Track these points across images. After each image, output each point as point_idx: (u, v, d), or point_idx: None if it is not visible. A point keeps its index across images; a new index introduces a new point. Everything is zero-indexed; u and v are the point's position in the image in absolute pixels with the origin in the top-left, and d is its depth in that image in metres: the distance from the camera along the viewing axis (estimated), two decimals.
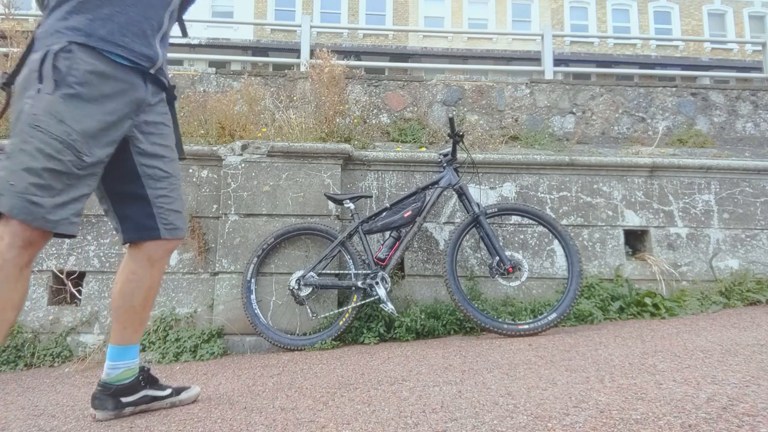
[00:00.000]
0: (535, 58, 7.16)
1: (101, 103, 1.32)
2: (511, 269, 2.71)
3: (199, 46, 14.83)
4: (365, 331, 2.86)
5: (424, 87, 4.86)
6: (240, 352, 2.93)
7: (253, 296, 2.90)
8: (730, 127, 5.01)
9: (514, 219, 3.29)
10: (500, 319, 2.78)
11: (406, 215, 2.83)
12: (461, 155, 2.99)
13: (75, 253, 3.11)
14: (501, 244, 2.84)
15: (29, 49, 1.33)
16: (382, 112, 4.77)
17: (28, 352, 2.89)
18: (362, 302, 2.78)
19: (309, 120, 3.87)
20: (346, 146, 3.23)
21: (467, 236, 2.97)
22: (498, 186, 3.37)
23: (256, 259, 2.93)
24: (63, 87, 1.25)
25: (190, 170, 3.27)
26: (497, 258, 2.75)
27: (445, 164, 2.94)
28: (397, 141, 4.40)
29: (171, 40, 1.60)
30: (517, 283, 2.80)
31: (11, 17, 4.04)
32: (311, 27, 6.01)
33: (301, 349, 2.77)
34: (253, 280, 2.92)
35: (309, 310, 2.84)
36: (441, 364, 2.02)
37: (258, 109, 4.06)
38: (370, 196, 3.26)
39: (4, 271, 1.25)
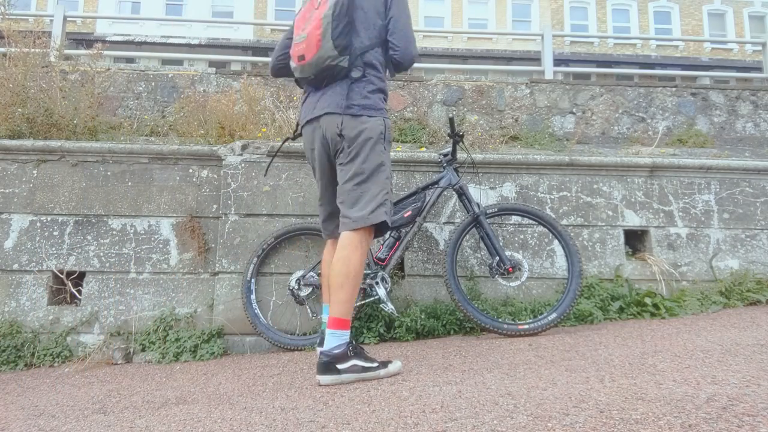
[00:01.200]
0: (535, 58, 7.16)
1: None
2: (511, 269, 2.71)
3: (199, 46, 14.83)
4: (365, 331, 2.86)
5: (424, 87, 4.86)
6: (240, 352, 2.93)
7: (253, 296, 2.90)
8: (730, 127, 5.01)
9: (514, 219, 3.29)
10: (500, 319, 2.78)
11: (406, 215, 2.83)
12: (461, 155, 2.99)
13: (75, 253, 3.11)
14: (501, 244, 2.84)
15: None
16: None
17: (28, 352, 2.89)
18: (362, 302, 2.78)
19: None
20: None
21: (467, 236, 2.97)
22: (498, 186, 3.37)
23: (256, 259, 2.93)
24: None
25: (190, 170, 3.27)
26: (497, 258, 2.75)
27: (445, 164, 2.94)
28: (397, 141, 4.39)
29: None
30: (517, 283, 2.80)
31: (8, 17, 4.03)
32: None
33: (301, 349, 2.77)
34: (253, 280, 2.92)
35: (309, 310, 2.84)
36: (441, 364, 2.02)
37: (258, 109, 4.05)
38: None
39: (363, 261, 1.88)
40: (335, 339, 1.79)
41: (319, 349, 1.95)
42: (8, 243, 3.09)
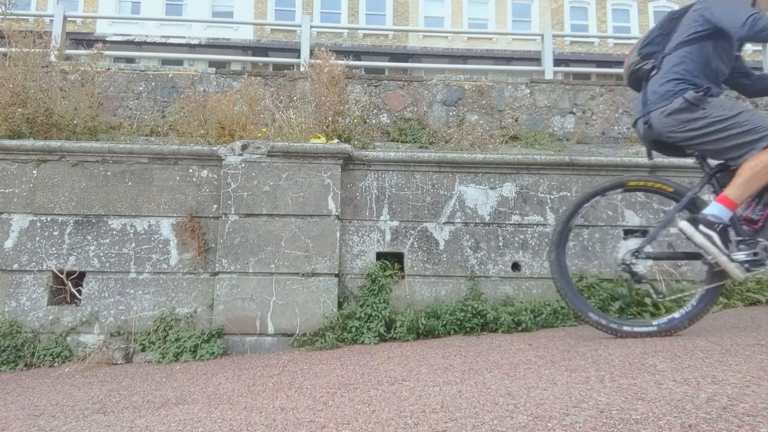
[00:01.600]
0: (535, 58, 7.16)
1: None
2: None
3: (199, 46, 14.83)
4: (365, 331, 2.86)
5: (424, 87, 4.86)
6: (240, 352, 2.93)
7: (566, 262, 2.29)
8: None
9: (514, 219, 3.29)
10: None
11: None
12: None
13: (75, 253, 3.11)
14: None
15: None
16: (382, 112, 4.77)
17: (28, 352, 2.89)
18: (720, 282, 2.13)
19: (309, 120, 3.87)
20: (346, 146, 3.23)
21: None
22: (498, 186, 3.37)
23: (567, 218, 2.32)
24: None
25: (190, 170, 3.27)
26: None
27: None
28: (397, 141, 4.40)
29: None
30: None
31: (8, 16, 4.04)
32: (311, 27, 6.00)
33: (640, 337, 2.18)
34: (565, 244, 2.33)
35: (652, 290, 2.38)
36: (441, 364, 2.02)
37: (258, 109, 4.06)
38: None
39: None
40: (717, 209, 2.04)
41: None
42: (8, 243, 3.09)
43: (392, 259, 3.23)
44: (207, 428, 1.35)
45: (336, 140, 3.48)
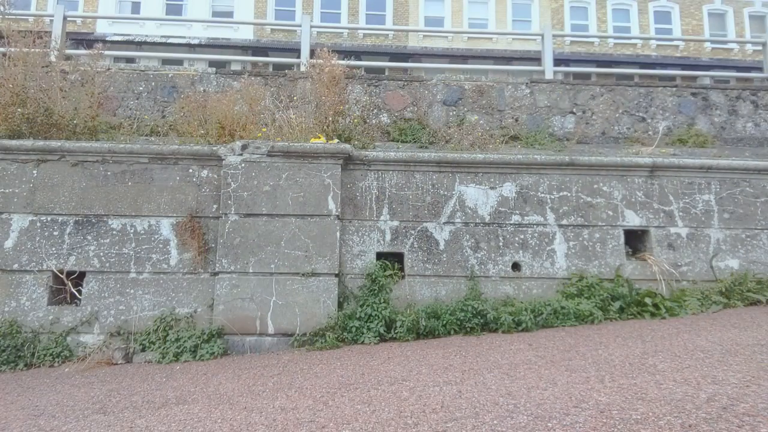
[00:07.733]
0: (535, 58, 7.16)
1: None
2: None
3: (199, 46, 14.83)
4: (365, 331, 2.86)
5: (424, 87, 4.86)
6: (240, 352, 2.93)
7: None
8: (730, 127, 5.00)
9: (514, 219, 3.29)
10: None
11: None
12: None
13: (75, 253, 3.11)
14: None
15: None
16: (382, 112, 4.77)
17: (28, 352, 2.89)
18: None
19: (309, 120, 3.87)
20: (346, 146, 3.23)
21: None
22: (498, 186, 3.37)
23: None
24: None
25: (190, 170, 3.26)
26: None
27: None
28: (397, 141, 4.40)
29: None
30: None
31: (8, 16, 4.03)
32: (311, 27, 6.00)
33: None
34: None
35: None
36: (441, 364, 2.01)
37: (258, 109, 4.05)
38: None
39: None
40: None
41: None
42: (8, 243, 3.09)
43: (392, 259, 3.23)
44: (207, 428, 1.35)
45: (336, 140, 3.47)
